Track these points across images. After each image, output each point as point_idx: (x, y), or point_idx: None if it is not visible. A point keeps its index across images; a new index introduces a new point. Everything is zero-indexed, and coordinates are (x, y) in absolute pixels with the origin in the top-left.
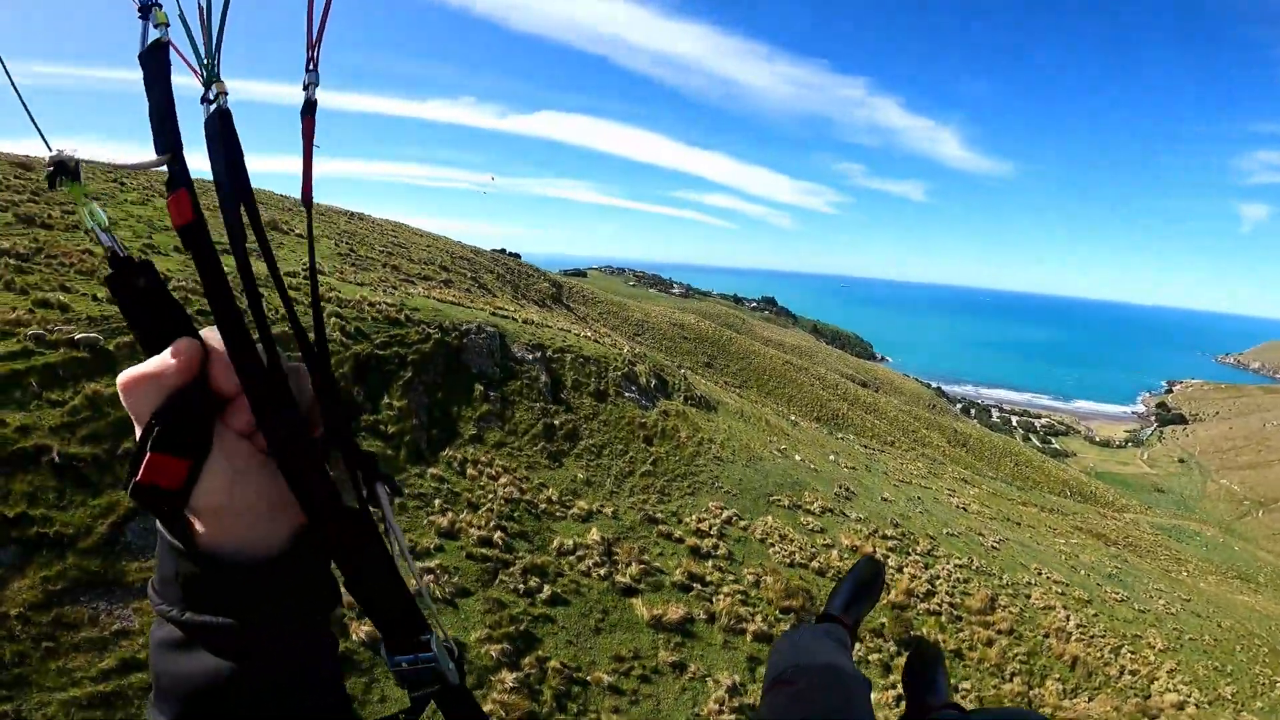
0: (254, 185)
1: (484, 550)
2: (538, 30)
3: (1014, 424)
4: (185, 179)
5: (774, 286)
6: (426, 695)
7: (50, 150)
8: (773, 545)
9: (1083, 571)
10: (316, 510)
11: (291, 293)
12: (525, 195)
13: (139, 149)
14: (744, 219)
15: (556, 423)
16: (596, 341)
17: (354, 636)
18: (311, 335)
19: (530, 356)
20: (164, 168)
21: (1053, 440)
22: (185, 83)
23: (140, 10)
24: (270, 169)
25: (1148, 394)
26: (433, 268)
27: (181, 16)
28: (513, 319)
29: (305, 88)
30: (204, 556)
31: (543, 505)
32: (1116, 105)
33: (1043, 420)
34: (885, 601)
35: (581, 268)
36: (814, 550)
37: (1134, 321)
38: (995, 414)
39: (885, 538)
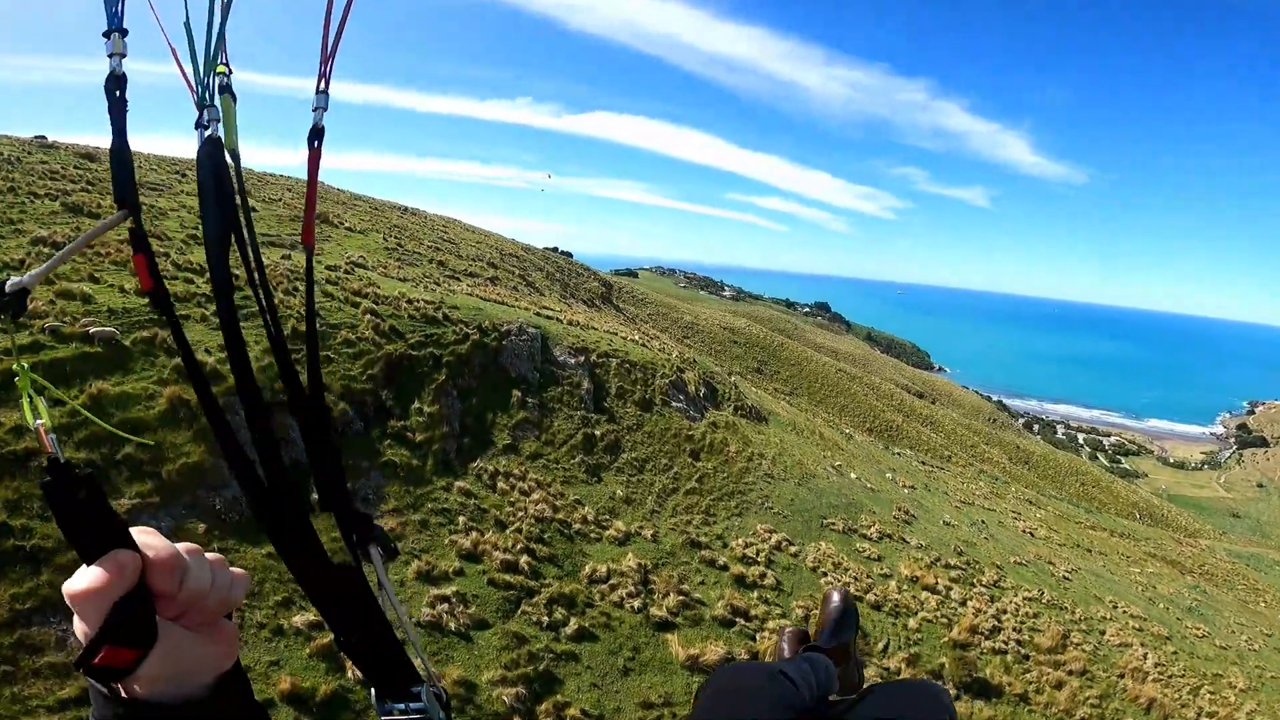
0: (296, 177)
1: (508, 576)
2: (594, 30)
3: (1081, 441)
4: (142, 242)
5: (828, 291)
6: None
7: None
8: (826, 575)
9: (1161, 605)
10: (302, 571)
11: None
12: (579, 195)
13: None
14: (798, 222)
15: (597, 433)
16: (644, 346)
17: (350, 674)
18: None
19: (573, 361)
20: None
21: (1122, 460)
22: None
23: (104, 33)
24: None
25: (1228, 414)
26: (480, 265)
27: (186, 24)
28: (557, 319)
29: (314, 110)
30: (138, 704)
31: (577, 525)
32: (1201, 109)
33: (1112, 439)
34: (947, 640)
35: (633, 268)
36: (870, 581)
37: (1215, 338)
38: (1061, 430)
39: (948, 567)
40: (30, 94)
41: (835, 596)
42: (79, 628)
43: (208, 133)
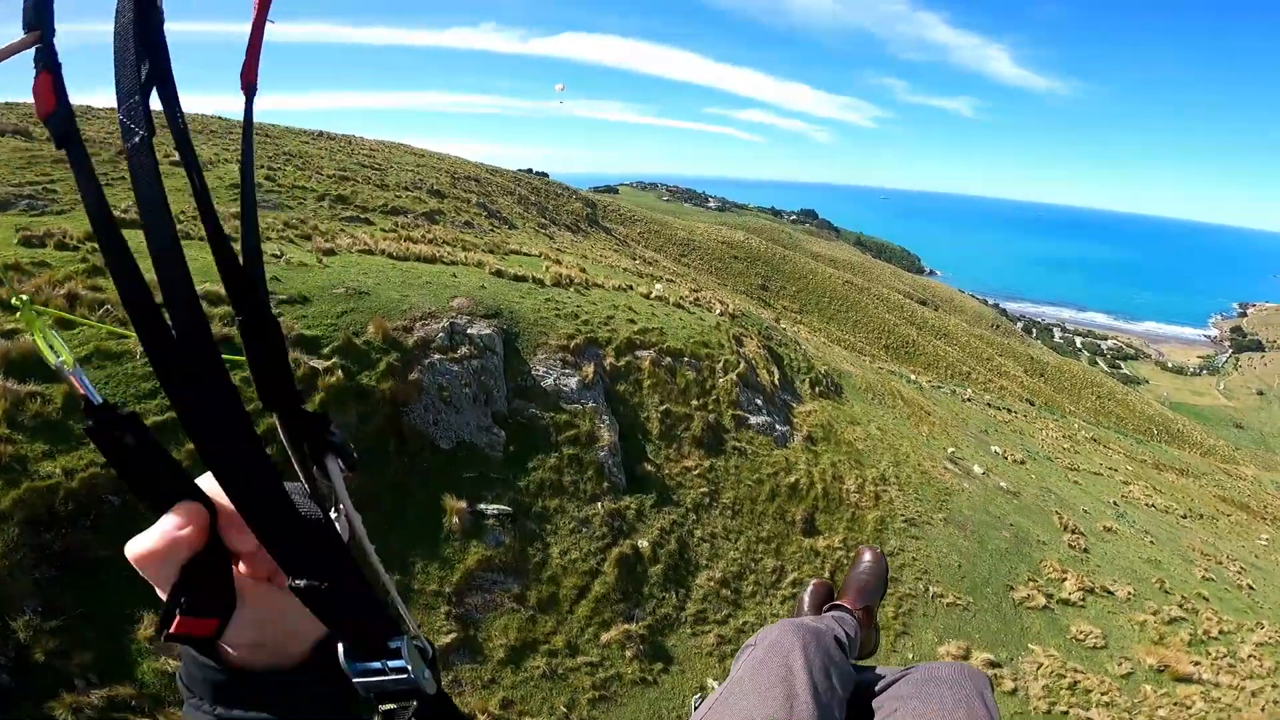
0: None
1: None
2: None
3: (1079, 346)
4: (51, 60)
5: (811, 199)
6: (400, 709)
7: None
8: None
9: None
10: (236, 486)
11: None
12: (554, 117)
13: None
14: (779, 133)
15: (644, 544)
16: (680, 305)
17: None
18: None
19: (574, 380)
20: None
21: (1121, 365)
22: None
23: None
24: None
25: (1219, 316)
26: (415, 195)
27: None
28: (534, 280)
29: None
30: (232, 670)
31: None
32: (1184, 16)
33: (1109, 342)
34: None
35: (613, 184)
36: (1126, 703)
37: (1199, 241)
38: (1058, 334)
39: (1172, 622)
40: None
41: (867, 555)
42: (159, 592)
43: None
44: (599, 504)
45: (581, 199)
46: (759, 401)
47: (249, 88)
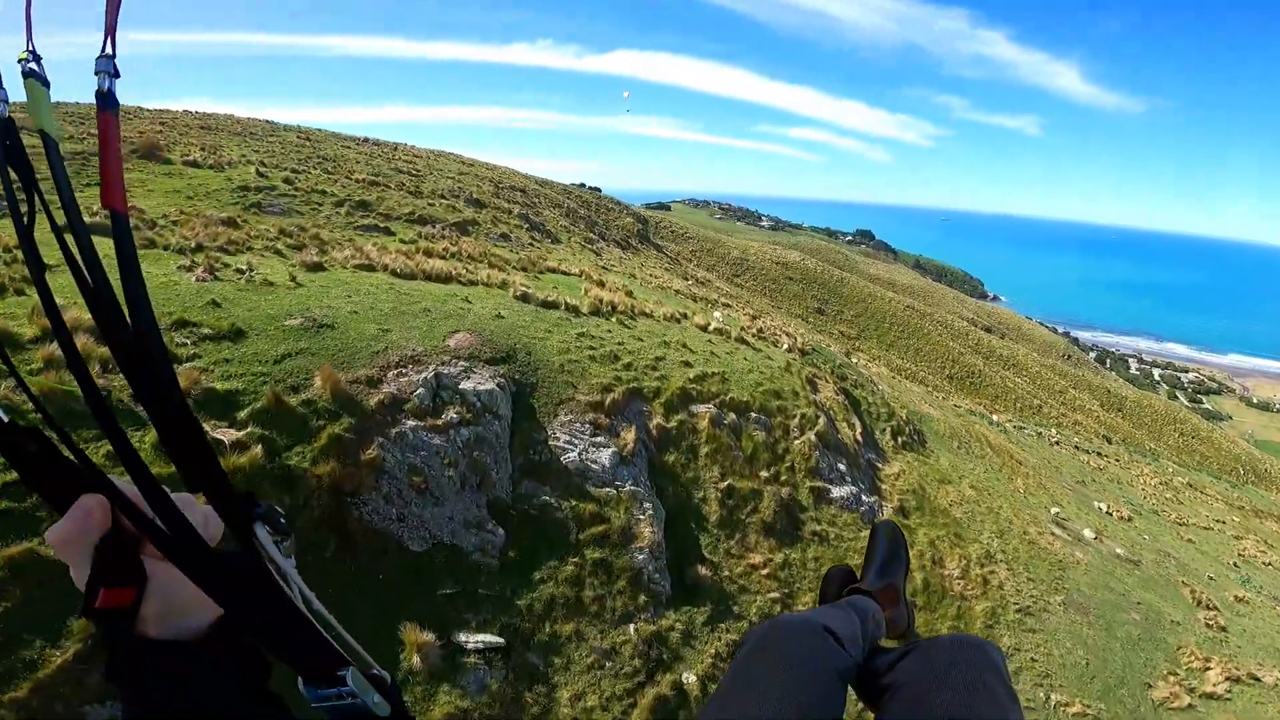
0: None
1: None
2: None
3: (1157, 378)
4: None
5: (867, 219)
6: None
7: None
8: None
9: None
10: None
11: None
12: (605, 133)
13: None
14: (833, 152)
15: (689, 678)
16: (741, 338)
17: None
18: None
19: (605, 455)
20: None
21: (1203, 399)
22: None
23: None
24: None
25: None
26: (450, 204)
27: None
28: (569, 309)
29: (97, 74)
30: (145, 643)
31: None
32: (1265, 30)
33: (1190, 375)
34: None
35: (664, 201)
36: None
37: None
38: (1134, 366)
39: None
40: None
41: (880, 529)
42: (75, 576)
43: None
44: (631, 626)
45: (633, 214)
46: (841, 466)
47: (114, 215)
